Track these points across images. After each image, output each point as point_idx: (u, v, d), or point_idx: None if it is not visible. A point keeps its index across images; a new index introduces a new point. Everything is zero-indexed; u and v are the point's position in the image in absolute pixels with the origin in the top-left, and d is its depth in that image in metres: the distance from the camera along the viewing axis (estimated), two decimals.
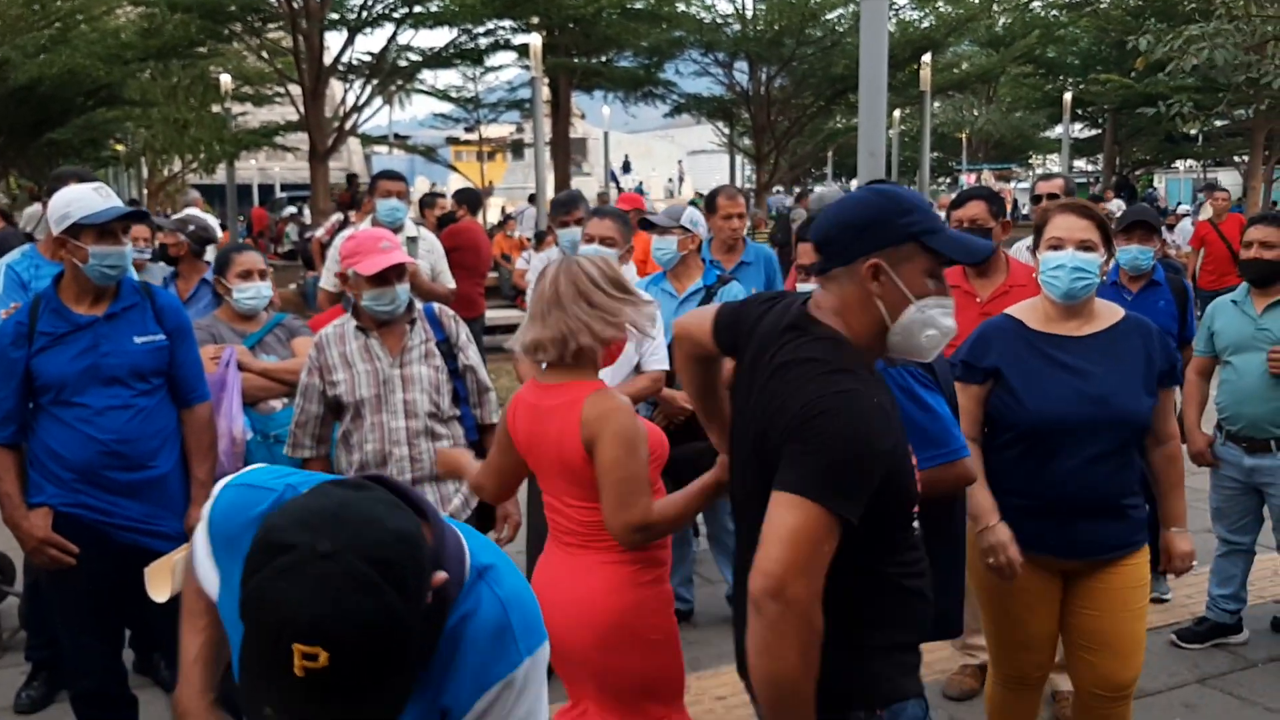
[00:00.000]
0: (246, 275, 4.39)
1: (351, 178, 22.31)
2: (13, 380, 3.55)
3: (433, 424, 3.72)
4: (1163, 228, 6.04)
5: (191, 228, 5.14)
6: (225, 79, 22.32)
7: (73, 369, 3.53)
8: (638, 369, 4.42)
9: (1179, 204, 28.87)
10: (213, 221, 5.74)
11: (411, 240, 6.19)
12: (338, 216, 12.55)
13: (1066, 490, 3.12)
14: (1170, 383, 3.29)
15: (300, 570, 1.41)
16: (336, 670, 1.40)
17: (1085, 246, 3.14)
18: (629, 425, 2.73)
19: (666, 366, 4.38)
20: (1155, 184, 43.76)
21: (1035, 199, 5.93)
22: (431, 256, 6.39)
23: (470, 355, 3.89)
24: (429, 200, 10.87)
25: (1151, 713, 4.03)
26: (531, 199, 19.83)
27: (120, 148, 29.11)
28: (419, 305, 3.88)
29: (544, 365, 2.88)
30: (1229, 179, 34.12)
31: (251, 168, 40.11)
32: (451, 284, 6.51)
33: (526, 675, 1.74)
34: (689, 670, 4.57)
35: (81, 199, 3.55)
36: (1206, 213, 12.41)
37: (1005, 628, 3.34)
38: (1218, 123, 32.39)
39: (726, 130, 33.75)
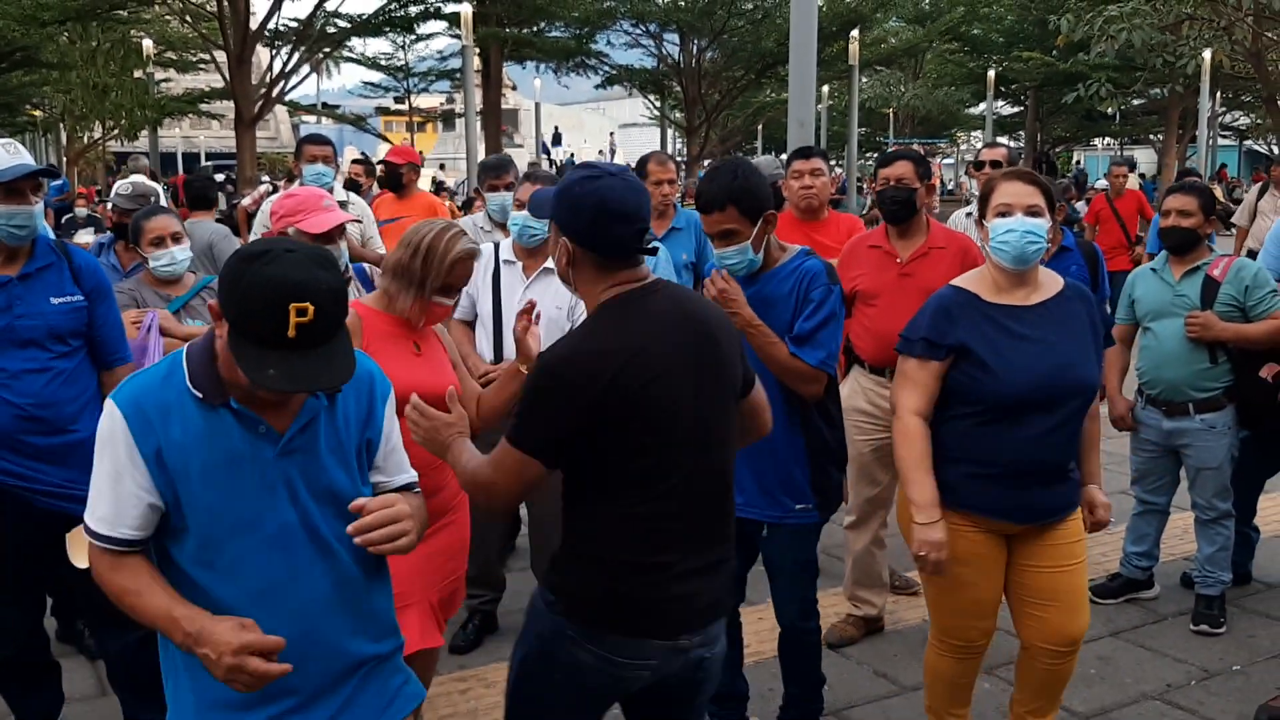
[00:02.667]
0: (159, 242, 4.25)
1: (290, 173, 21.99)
2: None
3: None
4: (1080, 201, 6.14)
5: (153, 200, 5.08)
6: (147, 43, 21.80)
7: None
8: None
9: (1098, 179, 29.45)
10: (160, 189, 5.66)
11: (341, 205, 6.10)
12: (265, 186, 12.37)
13: (1025, 458, 3.15)
14: (1105, 344, 3.37)
15: (280, 258, 1.97)
16: (317, 323, 1.96)
17: (1033, 212, 3.16)
18: None
19: None
20: (1076, 161, 44.58)
21: (978, 165, 6.01)
22: (362, 224, 6.31)
23: None
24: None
25: None
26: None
27: (37, 113, 28.33)
28: (351, 266, 3.87)
29: None
30: (1145, 156, 34.96)
31: (176, 136, 39.24)
32: (382, 249, 6.43)
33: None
34: None
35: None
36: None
37: (956, 596, 3.30)
38: (1135, 101, 33.10)
39: (658, 103, 33.71)
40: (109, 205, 5.06)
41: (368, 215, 6.44)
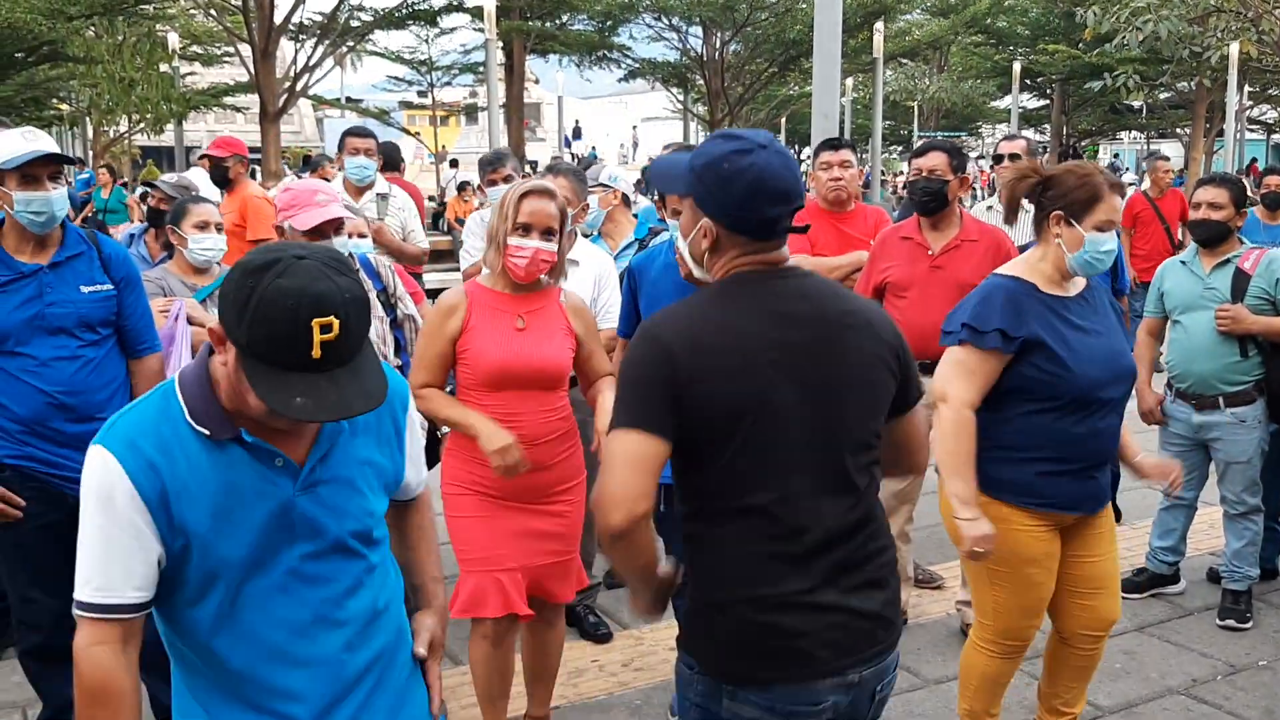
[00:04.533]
0: (202, 226, 4.32)
1: (307, 158, 22.00)
2: None
3: None
4: None
5: (195, 193, 5.12)
6: (173, 38, 21.93)
7: (16, 319, 3.45)
8: None
9: (1126, 170, 29.25)
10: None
11: (382, 197, 6.01)
12: (291, 178, 12.41)
13: (1094, 448, 3.14)
14: None
15: (294, 268, 1.74)
16: (343, 338, 1.75)
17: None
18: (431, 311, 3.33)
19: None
20: (1100, 154, 44.25)
21: (997, 159, 5.98)
22: (403, 214, 6.16)
23: (408, 305, 3.90)
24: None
25: None
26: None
27: (64, 107, 28.53)
28: (356, 256, 3.84)
29: None
30: (1171, 150, 34.59)
31: (200, 130, 39.43)
32: (425, 243, 6.36)
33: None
34: (645, 623, 4.64)
35: (7, 144, 3.45)
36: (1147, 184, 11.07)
37: (1026, 596, 3.23)
38: (1161, 95, 32.83)
39: (681, 96, 33.66)
40: (137, 194, 5.10)
41: (409, 208, 6.31)
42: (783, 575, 2.08)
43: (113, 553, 1.82)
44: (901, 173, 22.84)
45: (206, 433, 1.85)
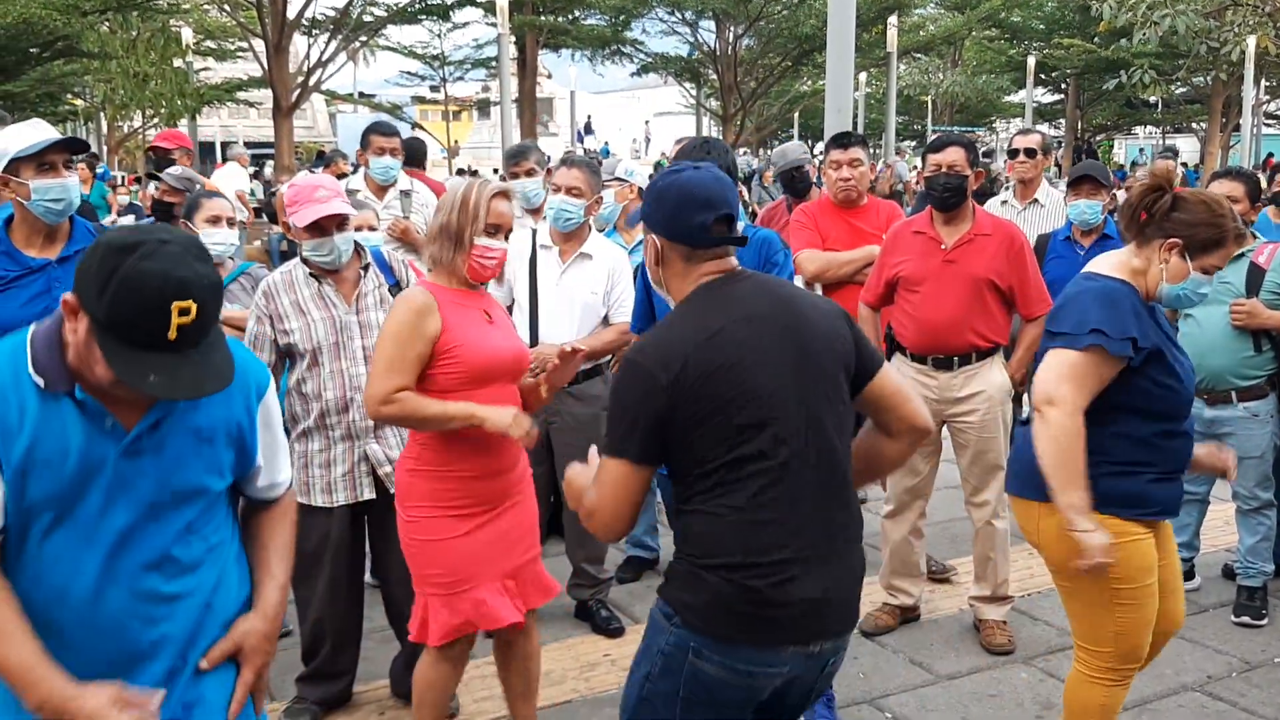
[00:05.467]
0: (215, 221, 4.36)
1: (321, 154, 22.06)
2: None
3: None
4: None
5: (198, 186, 5.14)
6: (187, 33, 21.99)
7: (26, 314, 3.43)
8: (605, 320, 4.41)
9: (1146, 165, 29.09)
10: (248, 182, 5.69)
11: (405, 194, 5.96)
12: (304, 173, 12.41)
13: (1188, 451, 3.10)
14: None
15: (158, 253, 1.82)
16: (198, 323, 1.84)
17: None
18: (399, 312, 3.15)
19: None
20: (1115, 149, 44.08)
21: (1012, 153, 5.96)
22: (426, 210, 5.99)
23: None
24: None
25: None
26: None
27: (79, 102, 28.63)
28: (368, 250, 3.83)
29: None
30: (1188, 145, 34.51)
31: (214, 125, 39.54)
32: None
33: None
34: None
35: (17, 135, 3.45)
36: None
37: (1147, 611, 3.03)
38: (1177, 90, 32.68)
39: (693, 91, 33.64)
40: (149, 190, 5.10)
41: (433, 204, 6.26)
42: (767, 546, 2.25)
43: None
44: (914, 168, 22.77)
45: (41, 383, 1.92)
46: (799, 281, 4.95)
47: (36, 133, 3.45)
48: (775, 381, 2.25)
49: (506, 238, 3.27)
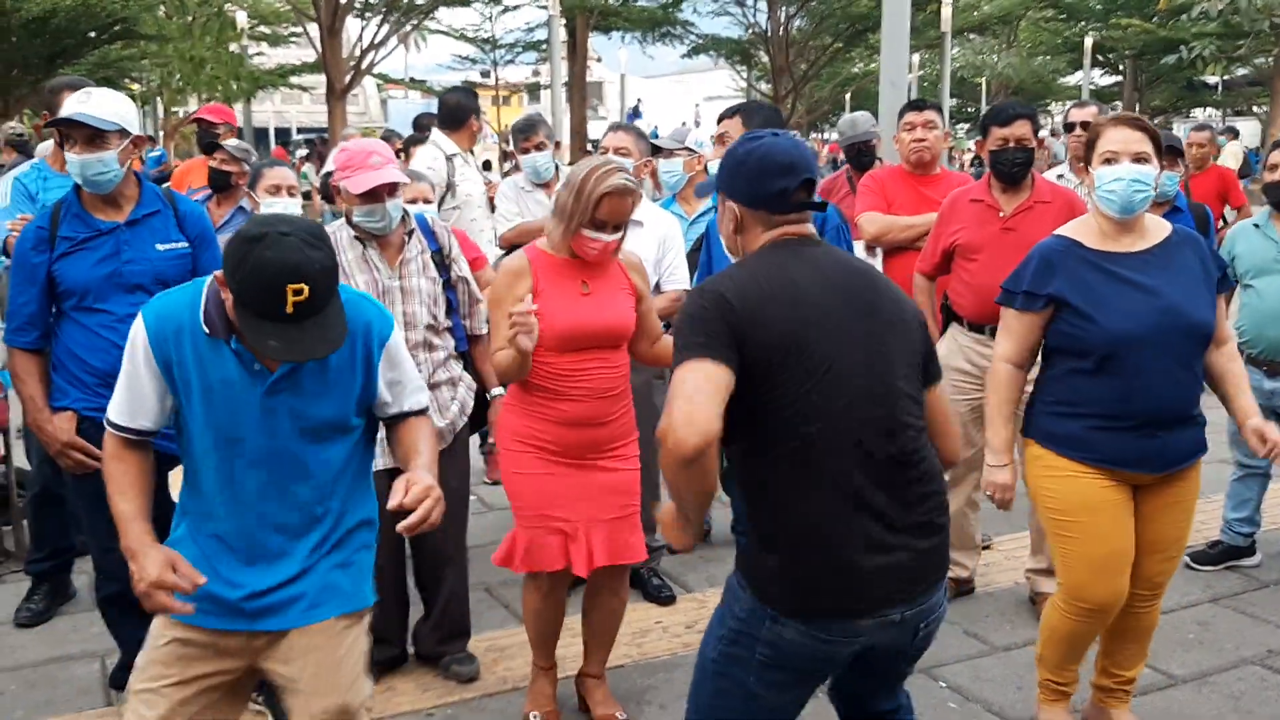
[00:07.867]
0: (275, 190, 4.55)
1: (390, 134, 22.17)
2: (34, 286, 3.54)
3: (430, 335, 3.74)
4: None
5: (253, 156, 5.24)
6: (241, 17, 22.21)
7: (95, 275, 3.53)
8: (657, 288, 4.41)
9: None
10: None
11: (449, 159, 5.92)
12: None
13: (1147, 405, 3.09)
14: (1223, 288, 3.26)
15: (276, 242, 2.23)
16: (312, 300, 2.24)
17: (1140, 159, 3.09)
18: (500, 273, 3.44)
19: (687, 285, 4.38)
20: (1175, 131, 43.19)
21: (1068, 126, 5.87)
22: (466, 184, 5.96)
23: (463, 267, 3.89)
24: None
25: (1165, 630, 4.04)
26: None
27: (135, 86, 29.01)
28: (413, 216, 3.85)
29: None
30: (1249, 128, 33.75)
31: (268, 110, 39.95)
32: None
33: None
34: (708, 586, 4.66)
35: (71, 107, 3.49)
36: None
37: (1089, 547, 3.19)
38: (1239, 71, 32.01)
39: (744, 73, 33.45)
40: (244, 165, 5.15)
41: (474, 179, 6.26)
42: (839, 516, 2.23)
43: (131, 390, 2.48)
44: (969, 150, 22.49)
45: (207, 331, 2.41)
46: (859, 248, 4.89)
47: (77, 104, 3.48)
48: (849, 347, 2.25)
49: (618, 230, 3.37)
